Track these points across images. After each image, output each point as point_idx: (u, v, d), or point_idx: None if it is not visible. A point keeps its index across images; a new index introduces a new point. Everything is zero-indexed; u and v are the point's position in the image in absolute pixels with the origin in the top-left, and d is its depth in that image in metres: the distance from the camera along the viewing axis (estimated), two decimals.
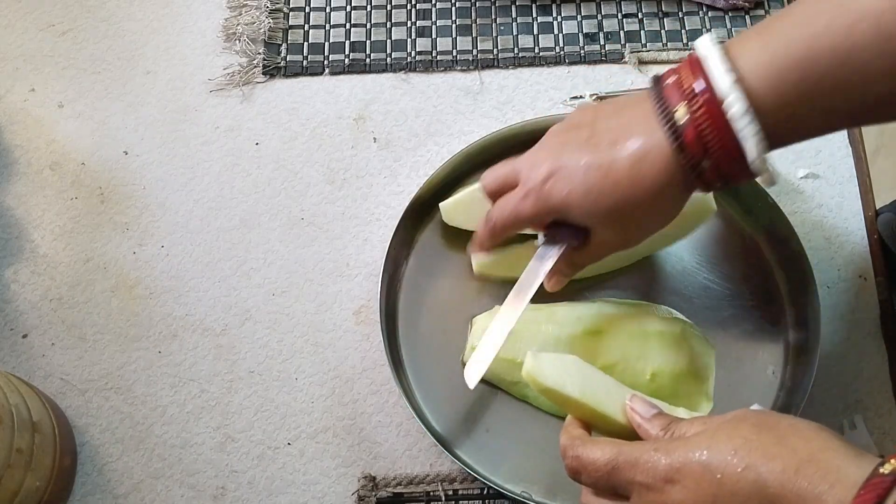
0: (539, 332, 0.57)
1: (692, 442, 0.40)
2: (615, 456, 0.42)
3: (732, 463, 0.38)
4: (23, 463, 0.52)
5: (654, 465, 0.40)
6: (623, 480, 0.42)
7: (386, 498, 0.58)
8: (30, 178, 0.69)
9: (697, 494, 0.39)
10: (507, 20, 0.74)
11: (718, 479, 0.38)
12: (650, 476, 0.40)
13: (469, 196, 0.62)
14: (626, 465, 0.42)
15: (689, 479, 0.39)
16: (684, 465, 0.39)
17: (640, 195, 0.47)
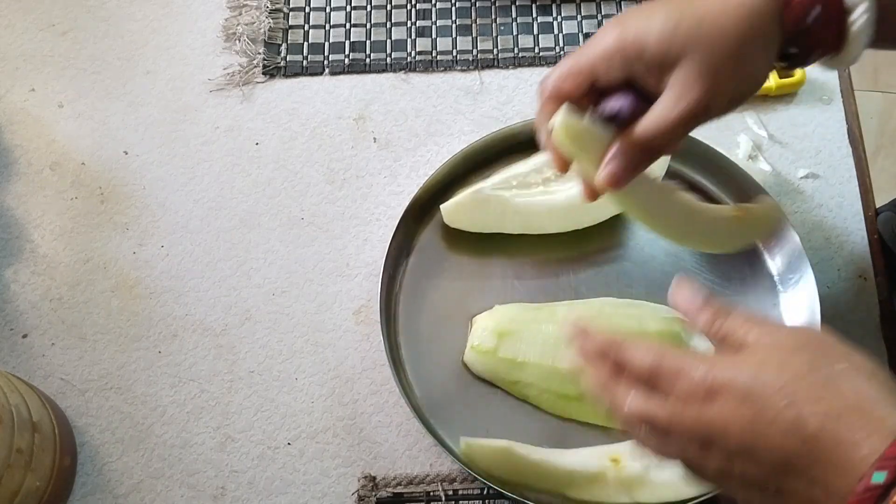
0: (539, 331, 0.57)
1: (740, 363, 0.39)
2: (659, 361, 0.41)
3: (776, 397, 0.37)
4: (23, 463, 0.52)
5: (696, 379, 0.39)
6: (663, 385, 0.40)
7: (386, 498, 0.58)
8: (30, 178, 0.69)
9: (735, 415, 0.38)
10: (507, 20, 0.74)
11: (759, 407, 0.37)
12: (691, 387, 0.39)
13: (469, 197, 0.62)
14: (668, 373, 0.40)
15: (730, 398, 0.38)
16: (727, 384, 0.38)
17: (728, 23, 0.44)
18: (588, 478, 0.54)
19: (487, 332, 0.58)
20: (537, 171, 0.64)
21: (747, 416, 0.37)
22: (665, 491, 0.54)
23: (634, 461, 0.55)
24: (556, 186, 0.63)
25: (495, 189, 0.62)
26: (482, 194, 0.62)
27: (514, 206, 0.62)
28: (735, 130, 0.69)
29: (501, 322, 0.58)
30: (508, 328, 0.58)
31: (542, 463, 0.55)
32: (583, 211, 0.62)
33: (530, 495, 0.55)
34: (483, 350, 0.58)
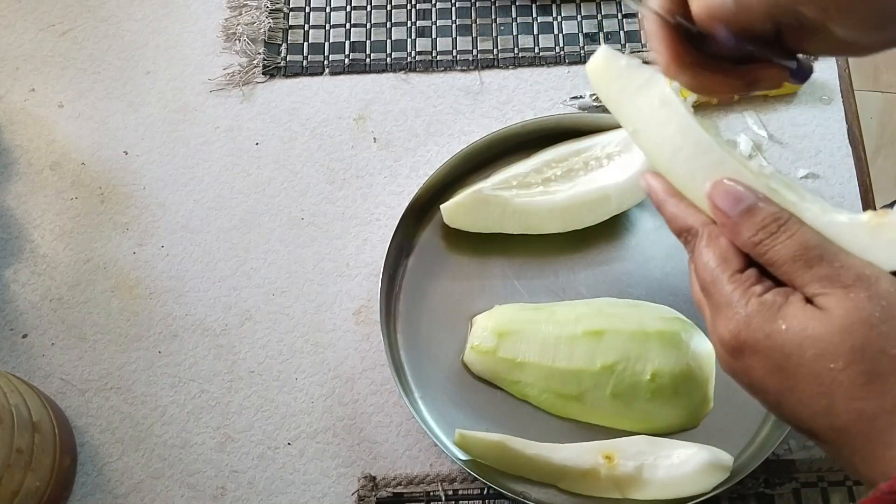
0: (539, 331, 0.57)
1: (780, 328, 0.36)
2: (714, 274, 0.38)
3: (810, 382, 0.35)
4: (23, 463, 0.52)
5: (727, 334, 0.38)
6: (711, 299, 0.39)
7: (386, 498, 0.58)
8: (30, 178, 0.69)
9: (766, 379, 0.37)
10: (507, 20, 0.74)
11: (790, 384, 0.36)
12: (724, 337, 0.38)
13: (469, 197, 0.62)
14: (717, 294, 0.38)
15: (764, 361, 0.37)
16: (762, 344, 0.36)
17: None
18: (580, 472, 0.55)
19: (487, 332, 0.58)
20: (537, 171, 0.64)
21: (777, 386, 0.37)
22: (656, 490, 0.54)
23: (627, 459, 0.55)
24: (556, 186, 0.63)
25: (495, 189, 0.62)
26: (482, 194, 0.62)
27: (514, 206, 0.62)
28: (735, 130, 0.69)
29: (501, 322, 0.58)
30: (508, 328, 0.58)
31: (536, 457, 0.55)
32: (583, 211, 0.62)
33: (529, 494, 0.55)
34: (483, 350, 0.58)
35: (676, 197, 0.42)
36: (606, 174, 0.63)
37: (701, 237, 0.40)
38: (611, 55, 0.43)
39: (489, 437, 0.55)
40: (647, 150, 0.43)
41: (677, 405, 0.57)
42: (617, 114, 0.44)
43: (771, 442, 0.55)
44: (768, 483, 0.57)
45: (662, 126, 0.42)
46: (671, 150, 0.42)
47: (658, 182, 0.43)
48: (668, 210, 0.42)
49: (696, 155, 0.41)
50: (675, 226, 0.42)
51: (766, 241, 0.38)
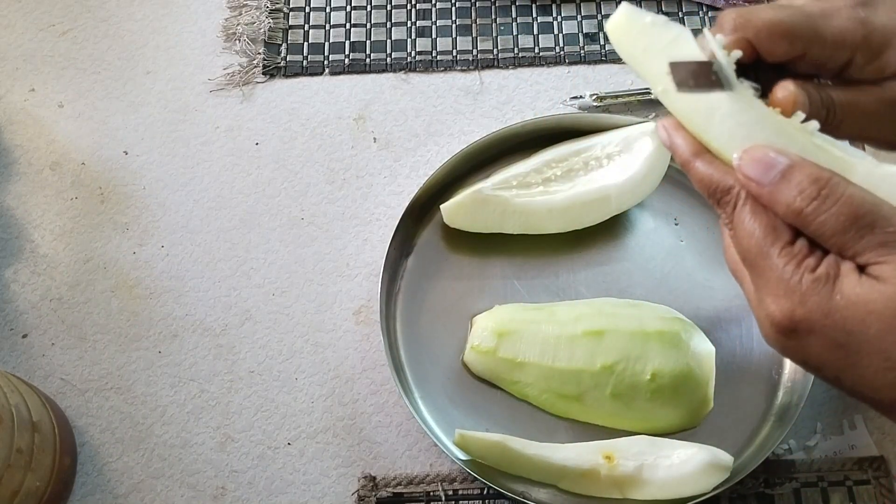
0: (539, 331, 0.57)
1: (840, 303, 0.34)
2: (762, 246, 0.36)
3: (875, 357, 0.34)
4: (23, 463, 0.52)
5: (780, 314, 0.35)
6: (756, 272, 0.36)
7: (386, 498, 0.58)
8: (30, 178, 0.69)
9: (827, 357, 0.35)
10: (507, 20, 0.74)
11: (854, 361, 0.34)
12: (777, 320, 0.36)
13: (469, 197, 0.62)
14: (766, 269, 0.36)
15: (824, 339, 0.35)
16: (821, 323, 0.34)
17: None
18: (580, 472, 0.55)
19: (487, 332, 0.58)
20: (537, 171, 0.64)
21: (838, 363, 0.35)
22: (656, 490, 0.54)
23: (627, 459, 0.55)
24: (556, 186, 0.63)
25: (495, 189, 0.62)
26: (482, 194, 0.62)
27: (514, 206, 0.62)
28: None
29: (501, 322, 0.58)
30: (508, 328, 0.58)
31: (536, 457, 0.55)
32: (583, 211, 0.62)
33: (529, 494, 0.55)
34: (483, 350, 0.58)
35: (706, 155, 0.39)
36: (606, 174, 0.63)
37: (744, 202, 0.37)
38: (634, 12, 0.39)
39: (489, 437, 0.55)
40: (678, 110, 0.40)
41: (677, 405, 0.57)
42: (643, 73, 0.40)
43: (771, 442, 0.55)
44: (768, 483, 0.57)
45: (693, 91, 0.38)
46: (707, 108, 0.38)
47: (684, 138, 0.39)
48: (699, 170, 0.38)
49: (735, 112, 0.37)
50: (708, 186, 0.38)
51: (808, 209, 0.35)
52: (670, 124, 0.40)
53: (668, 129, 0.40)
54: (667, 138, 0.40)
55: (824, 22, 0.38)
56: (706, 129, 0.39)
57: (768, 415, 0.58)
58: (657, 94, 0.40)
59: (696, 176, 0.39)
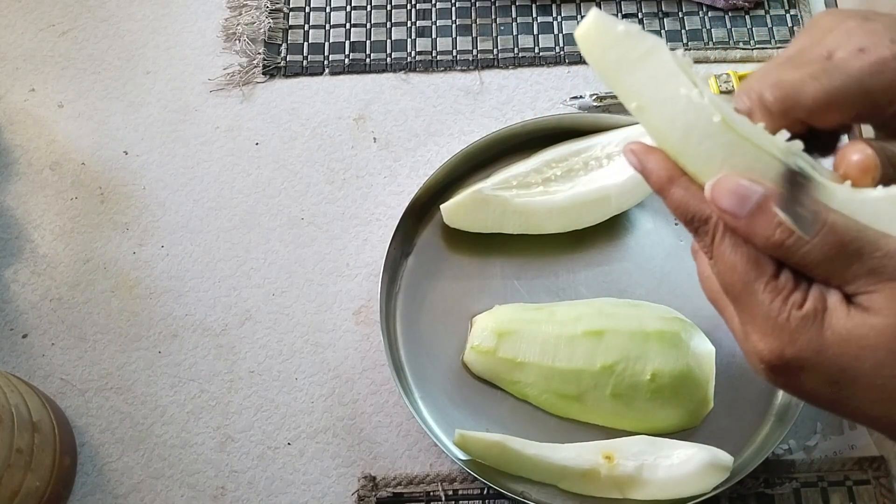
0: (539, 331, 0.57)
1: (849, 330, 0.32)
2: (745, 280, 0.34)
3: (878, 389, 0.33)
4: (23, 463, 0.52)
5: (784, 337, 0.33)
6: (741, 306, 0.35)
7: (386, 498, 0.58)
8: (30, 178, 0.69)
9: (820, 392, 0.34)
10: (507, 20, 0.74)
11: (847, 395, 0.33)
12: (767, 357, 0.34)
13: (469, 197, 0.62)
14: (750, 305, 0.34)
15: (817, 377, 0.33)
16: (814, 361, 0.33)
17: None
18: (580, 472, 0.55)
19: (487, 332, 0.58)
20: (537, 171, 0.64)
21: (832, 396, 0.34)
22: (656, 490, 0.54)
23: (627, 459, 0.55)
24: (556, 186, 0.63)
25: (495, 189, 0.62)
26: (482, 194, 0.62)
27: (514, 206, 0.62)
28: None
29: (501, 322, 0.58)
30: (508, 328, 0.58)
31: (536, 457, 0.55)
32: (583, 211, 0.62)
33: (529, 494, 0.55)
34: (483, 350, 0.58)
35: (683, 179, 0.36)
36: (606, 174, 0.63)
37: (722, 233, 0.35)
38: (604, 21, 0.36)
39: (489, 437, 0.55)
40: (653, 128, 0.37)
41: (677, 405, 0.57)
42: (615, 87, 0.37)
43: (771, 442, 0.55)
44: (768, 483, 0.57)
45: (672, 101, 0.35)
46: (683, 127, 0.35)
47: (658, 161, 0.36)
48: (675, 196, 0.36)
49: (714, 133, 0.35)
50: (684, 214, 0.36)
51: (790, 242, 0.33)
52: (639, 148, 0.37)
53: (638, 154, 0.37)
54: (637, 163, 0.37)
55: (875, 80, 0.35)
56: (683, 150, 0.36)
57: (768, 415, 0.58)
58: (630, 110, 0.37)
59: (672, 203, 0.36)
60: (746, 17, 0.73)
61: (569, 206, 0.62)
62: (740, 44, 0.72)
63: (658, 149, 0.37)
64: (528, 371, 0.57)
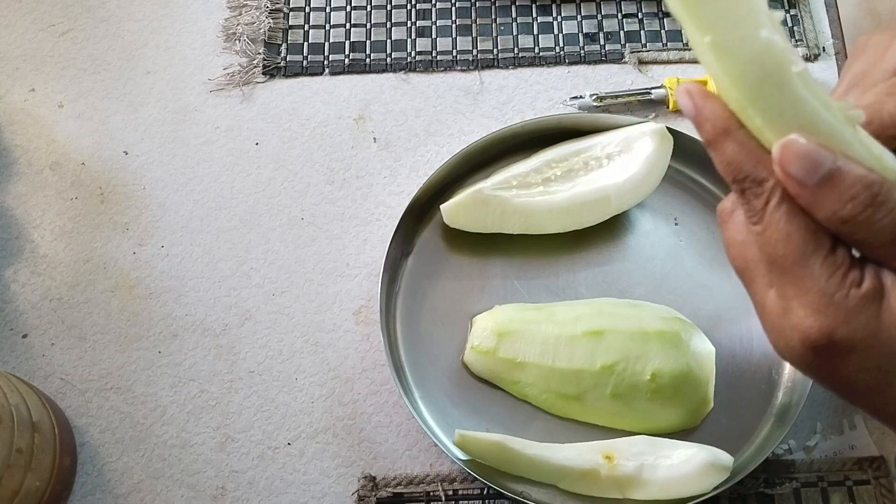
0: (539, 332, 0.57)
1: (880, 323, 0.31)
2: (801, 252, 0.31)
3: None
4: (23, 463, 0.52)
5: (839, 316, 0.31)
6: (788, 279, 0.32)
7: (386, 498, 0.58)
8: (30, 178, 0.69)
9: (861, 379, 0.32)
10: (507, 20, 0.74)
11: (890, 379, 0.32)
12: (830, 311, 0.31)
13: (469, 197, 0.62)
14: (802, 279, 0.32)
15: (859, 362, 0.32)
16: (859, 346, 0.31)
17: None
18: (580, 472, 0.55)
19: (487, 332, 0.58)
20: (537, 171, 0.64)
21: (870, 384, 0.33)
22: (656, 490, 0.54)
23: (627, 459, 0.55)
24: (556, 186, 0.63)
25: (495, 189, 0.62)
26: (482, 194, 0.62)
27: (514, 206, 0.62)
28: None
29: (501, 322, 0.58)
30: (508, 328, 0.58)
31: (536, 457, 0.55)
32: (583, 211, 0.62)
33: (529, 494, 0.55)
34: (483, 350, 0.58)
35: (742, 132, 0.33)
36: (606, 174, 0.63)
37: (779, 200, 0.32)
38: None
39: (489, 437, 0.55)
40: (722, 69, 0.33)
41: (677, 405, 0.57)
42: (689, 16, 0.33)
43: (771, 442, 0.55)
44: (768, 483, 0.57)
45: (751, 41, 0.32)
46: (757, 72, 0.32)
47: (718, 107, 0.33)
48: (729, 151, 0.33)
49: (788, 86, 0.32)
50: (736, 172, 0.33)
51: (862, 217, 0.31)
52: (698, 91, 0.33)
53: (696, 97, 0.33)
54: (692, 107, 0.34)
55: None
56: (752, 99, 0.32)
57: (768, 415, 0.58)
58: (700, 45, 0.33)
59: (723, 158, 0.34)
60: None
61: (569, 206, 0.62)
62: None
63: (716, 95, 0.33)
64: (528, 371, 0.57)
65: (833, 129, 0.32)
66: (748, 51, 0.32)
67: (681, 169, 0.66)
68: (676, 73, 0.71)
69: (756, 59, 0.32)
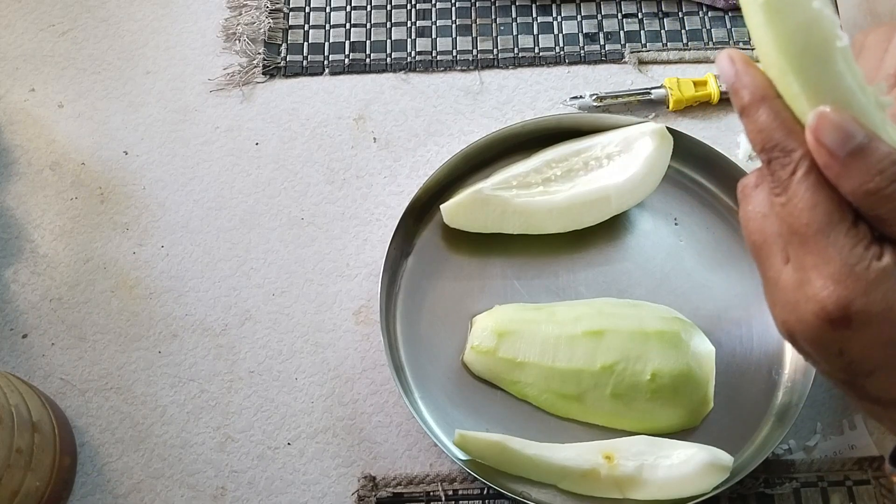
0: (539, 331, 0.57)
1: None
2: (826, 222, 0.32)
3: None
4: (23, 463, 0.52)
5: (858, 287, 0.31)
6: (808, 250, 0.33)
7: (386, 498, 0.58)
8: (30, 178, 0.69)
9: (879, 344, 0.32)
10: (507, 20, 0.74)
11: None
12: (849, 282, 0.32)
13: (469, 197, 0.62)
14: (825, 249, 0.32)
15: (890, 327, 0.32)
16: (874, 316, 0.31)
17: None
18: (580, 472, 0.55)
19: (487, 332, 0.58)
20: (537, 171, 0.64)
21: (879, 361, 0.33)
22: (656, 490, 0.54)
23: (627, 459, 0.55)
24: (556, 186, 0.63)
25: (495, 189, 0.62)
26: (482, 194, 0.62)
27: (514, 206, 0.62)
28: (735, 130, 0.69)
29: (501, 322, 0.58)
30: (508, 328, 0.58)
31: (536, 457, 0.55)
32: (583, 211, 0.62)
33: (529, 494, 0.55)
34: (483, 350, 0.58)
35: (777, 102, 0.33)
36: (606, 174, 0.63)
37: (807, 170, 0.33)
38: None
39: (489, 437, 0.55)
40: (769, 31, 0.33)
41: (677, 405, 0.57)
42: None
43: (771, 442, 0.55)
44: (768, 483, 0.57)
45: (801, 9, 0.32)
46: (803, 41, 0.32)
47: (757, 74, 0.34)
48: (762, 118, 0.33)
49: (830, 60, 0.32)
50: (765, 140, 0.34)
51: (886, 191, 0.31)
52: (740, 58, 0.34)
53: (738, 63, 0.34)
54: (733, 73, 0.34)
55: None
56: (795, 67, 0.33)
57: (768, 415, 0.58)
58: (755, 4, 0.33)
59: (755, 125, 0.34)
60: None
61: (569, 206, 0.62)
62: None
63: (756, 65, 0.34)
64: (528, 371, 0.57)
65: (865, 108, 0.33)
66: (799, 18, 0.32)
67: (681, 169, 0.66)
68: (676, 73, 0.71)
69: (805, 27, 0.32)
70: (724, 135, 0.68)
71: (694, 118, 0.69)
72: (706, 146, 0.64)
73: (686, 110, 0.70)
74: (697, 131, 0.67)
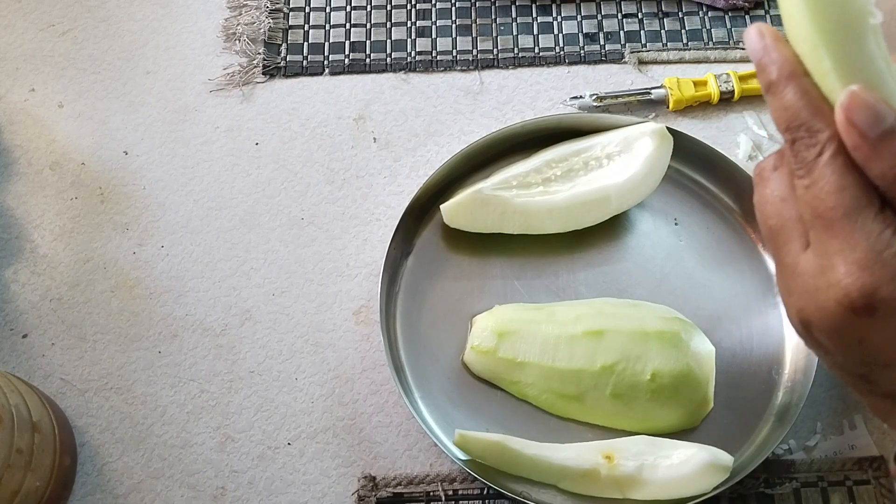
0: (539, 331, 0.57)
1: None
2: (854, 205, 0.31)
3: None
4: (23, 463, 0.52)
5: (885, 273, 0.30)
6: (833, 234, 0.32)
7: (386, 498, 0.58)
8: (30, 178, 0.69)
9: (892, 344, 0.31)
10: (507, 20, 0.74)
11: None
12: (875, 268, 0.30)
13: (469, 197, 0.62)
14: (851, 233, 0.31)
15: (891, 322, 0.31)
16: None
17: None
18: (580, 472, 0.55)
19: (487, 332, 0.58)
20: (537, 171, 0.64)
21: None
22: (656, 490, 0.54)
23: (627, 459, 0.55)
24: (556, 186, 0.63)
25: (495, 189, 0.62)
26: (482, 194, 0.62)
27: (514, 206, 0.62)
28: (735, 130, 0.69)
29: (501, 322, 0.58)
30: (508, 328, 0.58)
31: (536, 457, 0.55)
32: (583, 211, 0.62)
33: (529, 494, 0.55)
34: (483, 350, 0.58)
35: (805, 80, 0.32)
36: (606, 174, 0.63)
37: (834, 152, 0.31)
38: None
39: (489, 437, 0.55)
40: (803, 7, 0.32)
41: (677, 405, 0.57)
42: None
43: (771, 442, 0.55)
44: (768, 483, 0.57)
45: None
46: (836, 16, 0.31)
47: (786, 51, 0.32)
48: (789, 97, 0.32)
49: (862, 37, 0.32)
50: (791, 119, 0.32)
51: None
52: (770, 33, 0.33)
53: (767, 38, 0.33)
54: (762, 48, 0.33)
55: None
56: (826, 42, 0.32)
57: (768, 415, 0.58)
58: None
59: (781, 104, 0.33)
60: (746, 17, 0.73)
61: (569, 206, 0.62)
62: (740, 44, 0.72)
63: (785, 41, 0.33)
64: (528, 371, 0.57)
65: (893, 91, 0.32)
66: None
67: (681, 169, 0.66)
68: (676, 73, 0.71)
69: (836, 2, 0.31)
70: (724, 135, 0.68)
71: (694, 118, 0.69)
72: (706, 146, 0.64)
73: (686, 110, 0.70)
74: (697, 131, 0.67)
